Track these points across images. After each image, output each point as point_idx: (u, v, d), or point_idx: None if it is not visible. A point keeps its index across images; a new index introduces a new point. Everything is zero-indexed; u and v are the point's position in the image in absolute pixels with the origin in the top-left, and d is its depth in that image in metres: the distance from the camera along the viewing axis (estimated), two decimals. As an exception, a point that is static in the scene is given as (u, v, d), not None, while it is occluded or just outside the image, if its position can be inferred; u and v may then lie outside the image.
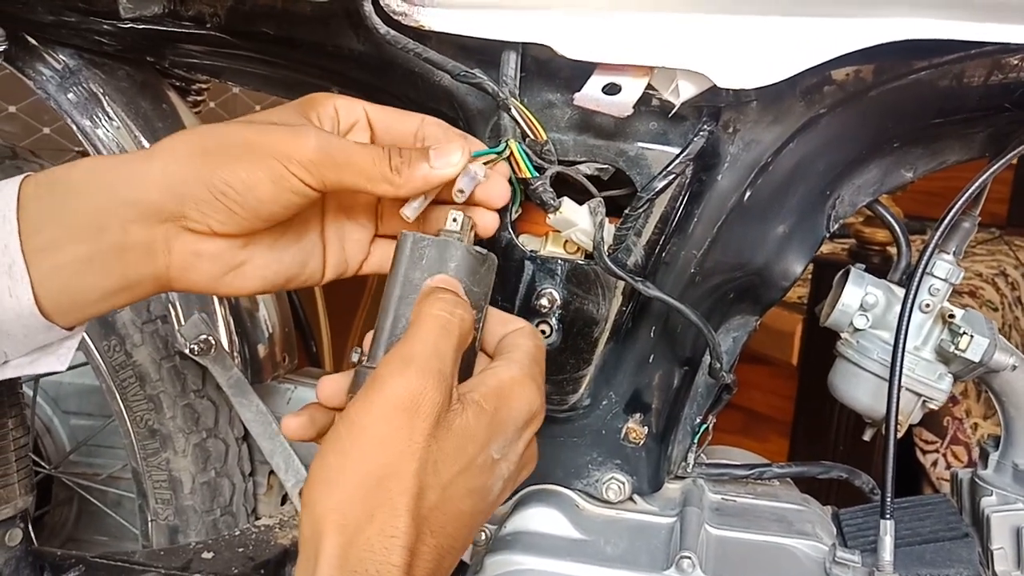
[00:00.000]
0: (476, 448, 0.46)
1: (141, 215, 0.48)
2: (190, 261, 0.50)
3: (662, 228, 0.59)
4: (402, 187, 0.50)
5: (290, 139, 0.48)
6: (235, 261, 0.51)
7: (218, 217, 0.49)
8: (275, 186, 0.48)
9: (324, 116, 0.53)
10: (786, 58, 0.53)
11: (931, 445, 1.65)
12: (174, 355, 0.85)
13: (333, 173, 0.49)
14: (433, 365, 0.45)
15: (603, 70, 0.55)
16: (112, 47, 0.79)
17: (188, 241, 0.49)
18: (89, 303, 0.49)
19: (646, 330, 0.64)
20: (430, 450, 0.44)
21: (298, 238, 0.54)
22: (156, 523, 0.89)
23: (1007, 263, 2.26)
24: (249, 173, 0.48)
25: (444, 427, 0.45)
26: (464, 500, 0.45)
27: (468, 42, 0.56)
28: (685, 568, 0.59)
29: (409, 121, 0.55)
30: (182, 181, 0.48)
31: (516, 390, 0.48)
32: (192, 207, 0.48)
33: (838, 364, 0.69)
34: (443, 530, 0.45)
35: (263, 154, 0.48)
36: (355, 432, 0.44)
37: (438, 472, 0.44)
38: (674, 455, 0.71)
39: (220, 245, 0.50)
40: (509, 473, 0.48)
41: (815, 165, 0.63)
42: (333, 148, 0.49)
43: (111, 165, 0.49)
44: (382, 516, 0.42)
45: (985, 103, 0.60)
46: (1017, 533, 0.67)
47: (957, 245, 0.67)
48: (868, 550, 0.63)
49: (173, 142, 0.50)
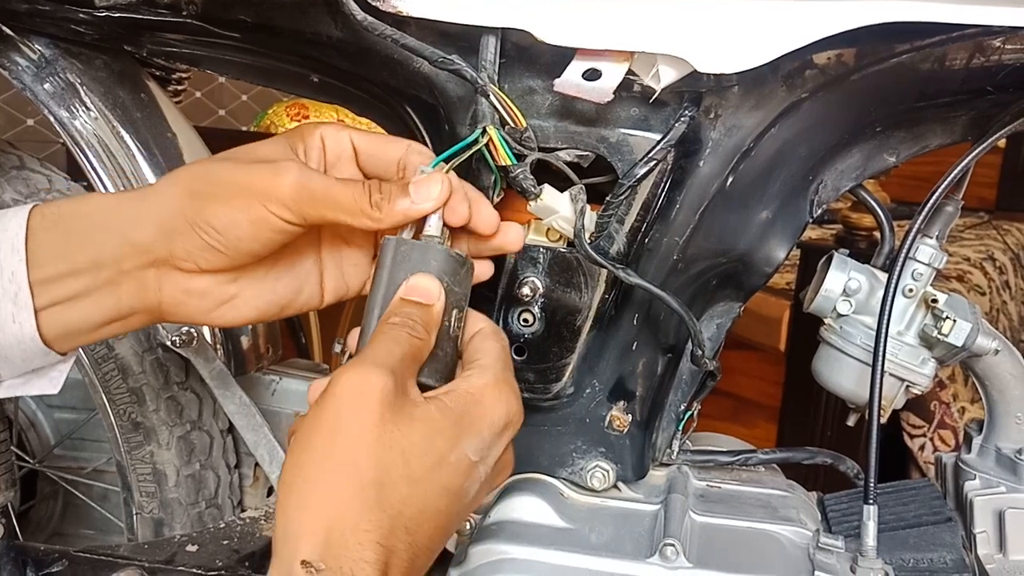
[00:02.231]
0: (446, 444, 0.45)
1: (133, 252, 0.50)
2: (180, 299, 0.52)
3: (644, 215, 0.59)
4: (382, 221, 0.51)
5: (269, 178, 0.50)
6: (225, 296, 0.53)
7: (203, 255, 0.50)
8: (254, 225, 0.50)
9: (311, 147, 0.54)
10: (767, 42, 0.52)
11: (918, 429, 1.66)
12: (156, 347, 0.85)
13: (313, 209, 0.50)
14: (378, 360, 0.45)
15: (583, 56, 0.55)
16: (89, 36, 0.78)
17: (178, 280, 0.51)
18: (84, 332, 0.52)
19: (629, 317, 0.64)
20: (391, 436, 0.43)
21: (291, 267, 0.55)
22: (141, 516, 0.88)
23: (995, 247, 2.27)
24: (229, 214, 0.49)
25: (404, 416, 0.44)
26: (440, 498, 0.45)
27: (447, 28, 0.56)
28: (669, 555, 0.59)
29: (394, 149, 0.55)
30: (170, 220, 0.50)
31: (490, 394, 0.48)
32: (179, 246, 0.50)
33: (821, 350, 0.69)
34: (419, 528, 0.44)
35: (243, 194, 0.50)
36: (313, 429, 0.44)
37: (408, 464, 0.44)
38: (658, 442, 0.71)
39: (208, 282, 0.52)
40: (486, 477, 0.48)
41: (797, 150, 0.63)
42: (312, 185, 0.50)
43: (109, 204, 0.52)
44: (354, 510, 0.42)
45: (967, 86, 0.60)
46: (999, 516, 0.67)
47: (940, 229, 0.67)
48: (852, 535, 0.63)
49: (166, 182, 0.52)
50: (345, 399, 0.44)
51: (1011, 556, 0.67)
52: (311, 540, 0.41)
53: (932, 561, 0.65)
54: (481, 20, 0.55)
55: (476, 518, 0.67)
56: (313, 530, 0.41)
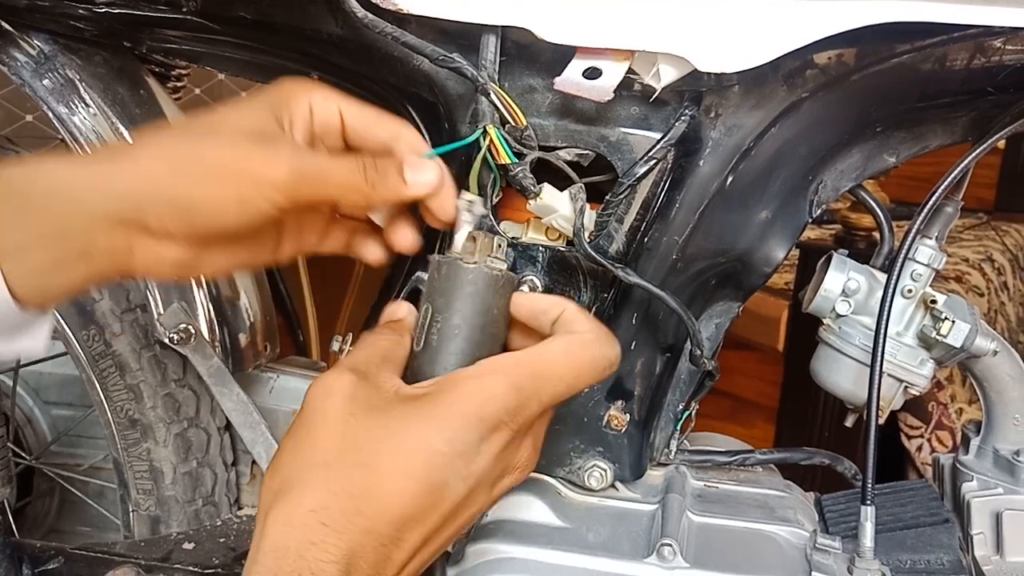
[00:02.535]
0: (406, 431, 0.44)
1: (105, 223, 0.48)
2: (151, 260, 0.50)
3: (644, 214, 0.59)
4: (374, 200, 0.51)
5: (262, 162, 0.48)
6: (194, 261, 0.52)
7: (181, 230, 0.49)
8: (242, 206, 0.48)
9: (297, 117, 0.52)
10: (768, 41, 0.52)
11: (916, 430, 1.66)
12: (154, 344, 0.84)
13: (307, 190, 0.49)
14: (346, 362, 0.47)
15: (583, 54, 0.55)
16: (88, 32, 0.78)
17: (150, 245, 0.50)
18: (58, 294, 0.50)
19: (628, 317, 0.64)
20: (346, 423, 0.44)
21: (256, 233, 0.54)
22: (138, 514, 0.88)
23: (994, 248, 2.27)
24: (216, 196, 0.48)
25: (364, 405, 0.45)
26: (396, 482, 0.43)
27: (447, 25, 0.56)
28: (666, 555, 0.59)
29: (385, 128, 0.54)
30: (146, 196, 0.48)
31: (473, 389, 0.46)
32: (153, 219, 0.48)
33: (820, 350, 0.69)
34: (378, 515, 0.43)
35: (234, 177, 0.48)
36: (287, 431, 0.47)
37: (360, 449, 0.44)
38: (656, 442, 0.71)
39: (180, 249, 0.51)
40: (473, 475, 0.46)
41: (797, 150, 0.63)
42: (306, 167, 0.49)
43: (76, 172, 0.49)
44: (307, 492, 0.43)
45: (968, 87, 0.60)
46: (997, 518, 0.67)
47: (940, 230, 0.67)
48: (849, 536, 0.63)
49: (139, 152, 0.49)
50: (311, 404, 0.46)
51: (1008, 557, 0.67)
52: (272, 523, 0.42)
53: (929, 562, 0.65)
54: (481, 18, 0.55)
55: (474, 517, 0.67)
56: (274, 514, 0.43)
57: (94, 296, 0.84)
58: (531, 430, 0.50)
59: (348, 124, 0.53)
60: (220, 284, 0.87)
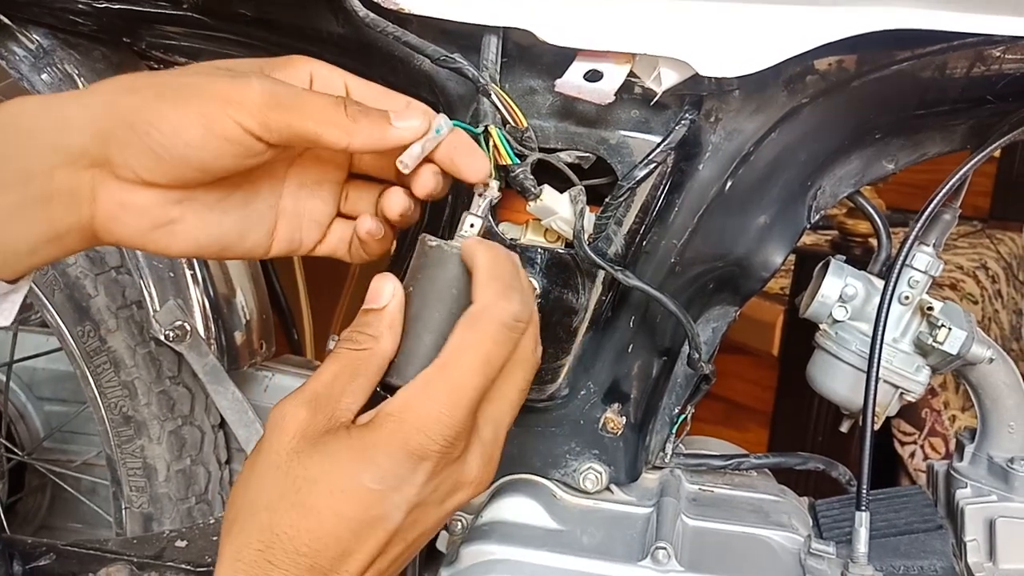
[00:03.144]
0: (341, 475, 0.44)
1: (66, 160, 0.45)
2: (115, 212, 0.47)
3: (643, 217, 0.59)
4: (355, 135, 0.47)
5: (231, 82, 0.45)
6: (165, 217, 0.48)
7: (143, 162, 0.45)
8: (206, 130, 0.44)
9: (291, 78, 0.49)
10: (769, 47, 0.52)
11: (909, 437, 1.66)
12: (149, 341, 0.84)
13: (279, 116, 0.45)
14: (306, 390, 0.46)
15: (585, 56, 0.55)
16: (87, 27, 0.78)
17: (114, 190, 0.46)
18: (21, 254, 0.47)
19: (625, 320, 0.64)
20: (289, 464, 0.44)
21: (244, 204, 0.51)
22: (130, 511, 0.88)
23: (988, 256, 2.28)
24: (178, 114, 0.44)
25: (310, 445, 0.45)
26: (337, 525, 0.44)
27: (449, 26, 0.56)
28: (660, 559, 0.59)
29: (394, 101, 0.51)
30: (106, 122, 0.45)
31: (397, 421, 0.45)
32: (116, 150, 0.45)
33: (817, 355, 0.69)
34: (317, 554, 0.43)
35: (197, 95, 0.45)
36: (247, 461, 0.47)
37: (299, 491, 0.44)
38: (652, 445, 0.71)
39: (149, 197, 0.47)
40: (411, 503, 0.45)
41: (797, 155, 0.63)
42: (280, 90, 0.46)
43: (36, 108, 0.46)
44: (254, 530, 0.44)
45: (967, 95, 0.60)
46: (990, 525, 0.67)
47: (937, 237, 0.67)
48: (843, 541, 0.63)
49: (102, 83, 0.47)
50: (268, 431, 0.46)
51: (1001, 565, 0.67)
52: (225, 555, 0.44)
53: (922, 568, 0.65)
54: (483, 19, 0.55)
55: (468, 518, 0.67)
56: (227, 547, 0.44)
57: (90, 292, 0.84)
58: (471, 444, 0.47)
59: (353, 95, 0.51)
60: (216, 282, 0.87)
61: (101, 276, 0.85)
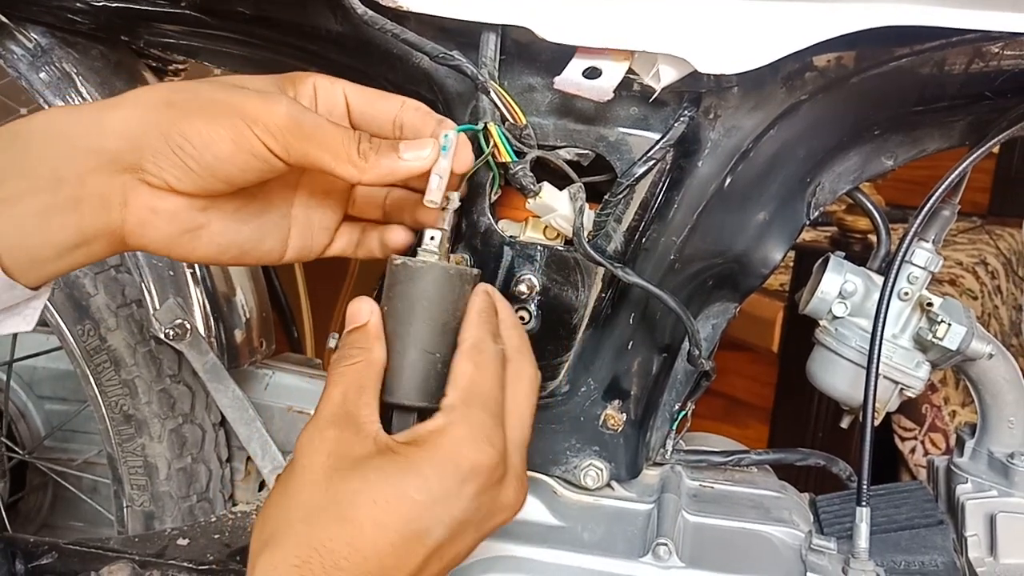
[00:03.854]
0: (384, 486, 0.45)
1: (99, 165, 0.47)
2: (146, 217, 0.49)
3: (642, 214, 0.59)
4: (366, 172, 0.49)
5: (260, 102, 0.48)
6: (192, 223, 0.50)
7: (174, 172, 0.47)
8: (235, 146, 0.47)
9: (302, 95, 0.52)
10: (768, 43, 0.52)
11: (909, 432, 1.66)
12: (149, 340, 0.84)
13: (299, 143, 0.48)
14: (324, 412, 0.47)
15: (583, 54, 0.55)
16: (85, 26, 0.78)
17: (145, 195, 0.48)
18: (48, 260, 0.48)
19: (625, 317, 0.64)
20: (329, 480, 0.45)
21: (261, 212, 0.53)
22: (131, 509, 0.88)
23: (988, 252, 2.28)
24: (209, 129, 0.47)
25: (349, 464, 0.45)
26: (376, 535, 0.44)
27: (447, 23, 0.56)
28: (661, 555, 0.59)
29: (389, 104, 0.53)
30: (141, 131, 0.47)
31: (441, 443, 0.46)
32: (149, 159, 0.47)
33: (816, 352, 0.69)
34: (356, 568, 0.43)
35: (228, 112, 0.47)
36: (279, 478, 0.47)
37: (339, 504, 0.44)
38: (652, 442, 0.71)
39: (178, 204, 0.49)
40: (455, 519, 0.46)
41: (795, 152, 0.63)
42: (304, 119, 0.48)
43: (71, 114, 0.48)
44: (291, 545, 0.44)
45: (966, 91, 0.60)
46: (991, 520, 0.68)
47: (936, 233, 0.67)
48: (844, 537, 0.63)
49: (139, 92, 0.49)
50: (299, 456, 0.47)
51: (1002, 560, 0.67)
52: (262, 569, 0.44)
53: (923, 564, 0.65)
54: (482, 16, 0.54)
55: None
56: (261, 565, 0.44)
57: (89, 291, 0.84)
58: (508, 468, 0.49)
59: (353, 106, 0.53)
60: (216, 280, 0.87)
61: (101, 275, 0.85)
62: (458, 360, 0.49)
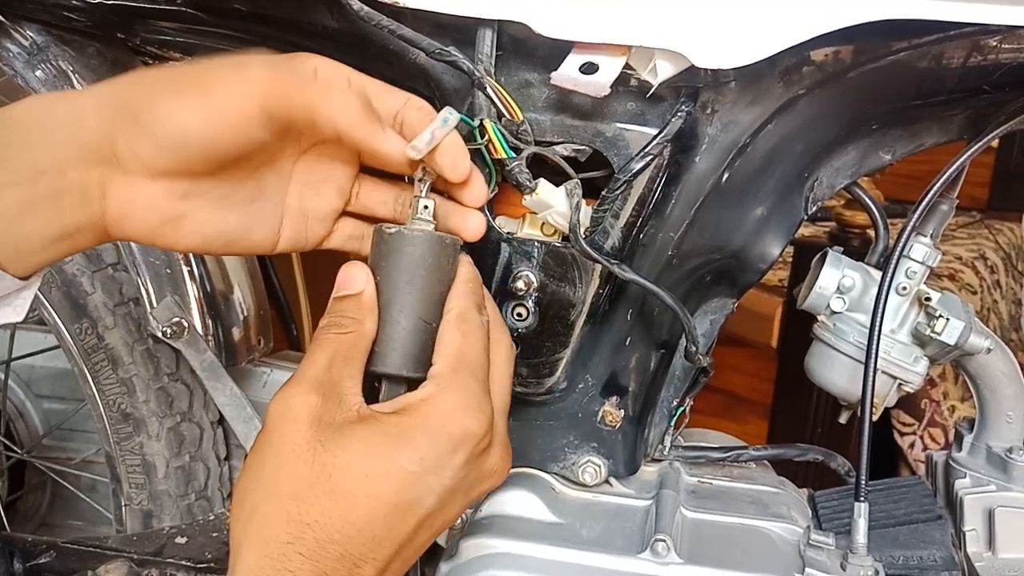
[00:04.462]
0: (376, 458, 0.44)
1: (76, 156, 0.46)
2: (126, 209, 0.48)
3: (639, 210, 0.59)
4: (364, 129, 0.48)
5: (233, 70, 0.46)
6: (173, 212, 0.49)
7: (145, 150, 0.46)
8: (204, 114, 0.45)
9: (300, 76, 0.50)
10: (765, 38, 0.52)
11: (908, 427, 1.67)
12: (147, 338, 0.84)
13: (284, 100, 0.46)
14: (305, 376, 0.46)
15: (580, 49, 0.55)
16: (81, 23, 0.78)
17: (122, 186, 0.47)
18: (33, 251, 0.47)
19: (623, 313, 0.64)
20: (313, 452, 0.44)
21: (249, 201, 0.51)
22: (130, 508, 0.88)
23: (987, 246, 2.28)
24: (178, 101, 0.45)
25: (330, 431, 0.45)
26: (371, 509, 0.44)
27: (443, 19, 0.55)
28: (660, 551, 0.59)
29: (392, 100, 0.52)
30: (112, 113, 0.46)
31: (432, 410, 0.46)
32: (120, 140, 0.46)
33: (815, 347, 0.69)
34: (349, 540, 0.44)
35: (198, 82, 0.46)
36: (252, 451, 0.46)
37: (330, 478, 0.44)
38: (651, 438, 0.71)
39: (155, 192, 0.48)
40: (445, 487, 0.46)
41: (793, 147, 0.63)
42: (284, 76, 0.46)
43: (52, 103, 0.47)
44: (279, 523, 0.43)
45: (964, 85, 0.60)
46: (989, 515, 0.68)
47: (935, 228, 0.67)
48: (843, 532, 0.63)
49: (116, 78, 0.48)
50: (275, 423, 0.45)
51: (1000, 554, 0.67)
52: (248, 552, 0.43)
53: (922, 559, 0.65)
54: (478, 12, 0.54)
55: (468, 512, 0.67)
56: (249, 544, 0.43)
57: (87, 290, 0.84)
58: (495, 434, 0.49)
59: None
60: (214, 278, 0.87)
61: (98, 273, 0.85)
62: (445, 329, 0.49)
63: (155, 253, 0.83)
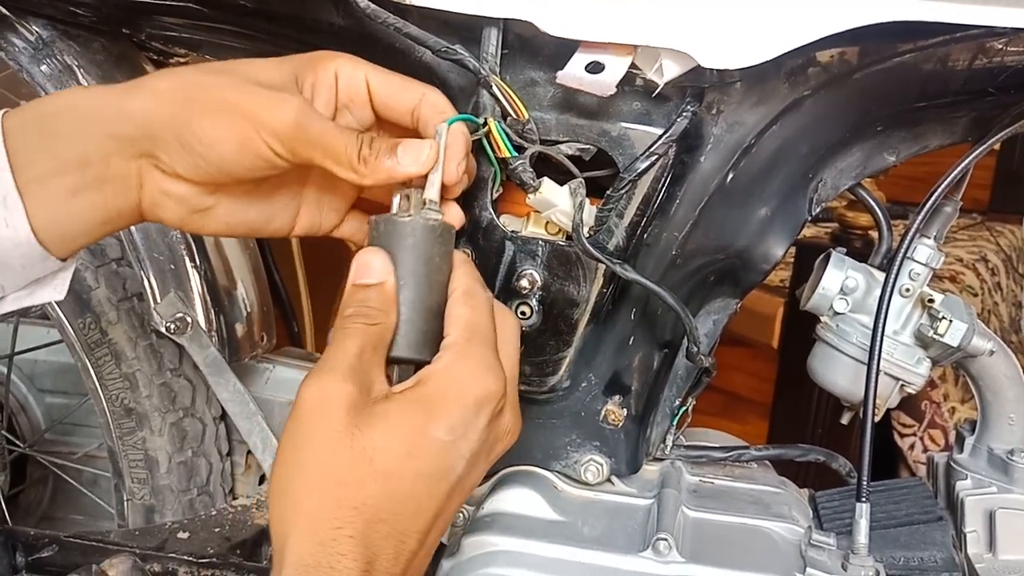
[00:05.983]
0: (412, 434, 0.46)
1: (120, 148, 0.50)
2: (159, 199, 0.52)
3: (644, 210, 0.59)
4: (366, 177, 0.51)
5: (268, 106, 0.49)
6: (201, 205, 0.53)
7: (184, 165, 0.50)
8: (241, 147, 0.49)
9: (321, 84, 0.53)
10: (771, 38, 0.52)
11: (909, 429, 1.67)
12: (150, 333, 0.84)
13: (304, 149, 0.50)
14: (337, 364, 0.47)
15: (586, 48, 0.55)
16: (87, 18, 0.78)
17: (157, 179, 0.51)
18: (78, 233, 0.51)
19: (626, 312, 0.64)
20: (353, 438, 0.45)
21: (270, 195, 0.55)
22: (132, 502, 0.88)
23: (988, 248, 2.28)
24: (217, 130, 0.49)
25: (366, 417, 0.45)
26: (415, 484, 0.45)
27: (449, 17, 0.55)
28: (661, 550, 0.59)
29: (409, 96, 0.53)
30: (157, 123, 0.49)
31: (453, 375, 0.48)
32: (162, 150, 0.50)
33: (817, 348, 0.69)
34: (395, 517, 0.45)
35: (236, 115, 0.49)
36: (288, 443, 0.46)
37: (373, 461, 0.45)
38: (653, 437, 0.71)
39: (187, 189, 0.52)
40: (473, 451, 0.48)
41: (798, 148, 0.63)
42: (310, 125, 0.49)
43: (95, 98, 0.51)
44: (328, 510, 0.44)
45: (969, 87, 0.60)
46: (990, 516, 0.68)
47: (938, 230, 0.67)
48: (844, 533, 0.63)
49: (157, 82, 0.51)
50: (311, 411, 0.46)
51: (1001, 556, 0.67)
52: (297, 542, 0.44)
53: (923, 559, 0.65)
54: (484, 10, 0.54)
55: (469, 510, 0.67)
56: (298, 534, 0.44)
57: (90, 284, 0.84)
58: (509, 397, 0.51)
59: (375, 92, 0.54)
60: (217, 274, 0.87)
61: (102, 268, 0.85)
62: (453, 305, 0.51)
63: (159, 249, 0.83)
